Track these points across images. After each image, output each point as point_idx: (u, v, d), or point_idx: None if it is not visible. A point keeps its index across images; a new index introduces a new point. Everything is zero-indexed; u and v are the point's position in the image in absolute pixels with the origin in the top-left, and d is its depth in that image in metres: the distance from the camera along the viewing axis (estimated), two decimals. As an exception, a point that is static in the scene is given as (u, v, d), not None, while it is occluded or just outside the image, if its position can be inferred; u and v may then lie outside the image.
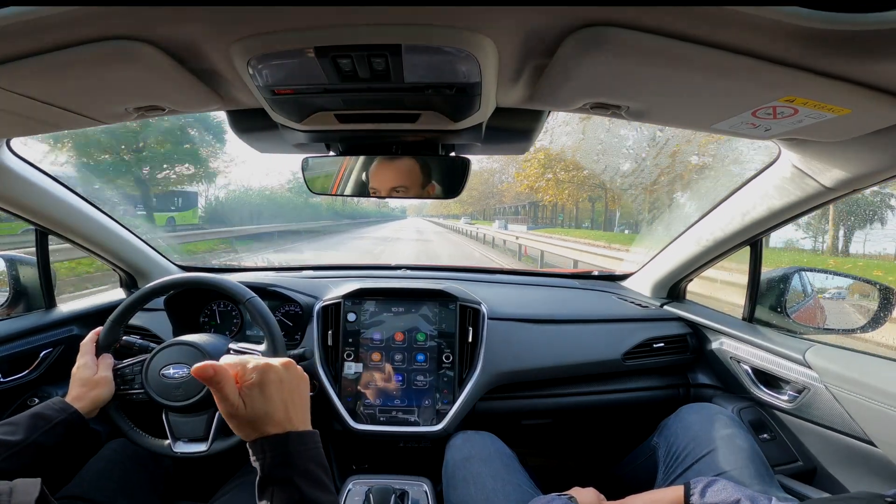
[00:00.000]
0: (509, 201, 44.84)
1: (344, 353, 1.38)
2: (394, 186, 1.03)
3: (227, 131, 6.88)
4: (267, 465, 0.58)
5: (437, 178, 1.03)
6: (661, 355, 1.49)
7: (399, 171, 1.03)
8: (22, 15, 0.49)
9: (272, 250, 14.76)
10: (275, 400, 0.60)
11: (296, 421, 0.61)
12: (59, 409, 0.95)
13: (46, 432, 0.90)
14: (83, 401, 1.00)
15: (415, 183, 1.03)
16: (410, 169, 1.02)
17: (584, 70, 0.62)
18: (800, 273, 1.41)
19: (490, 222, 40.20)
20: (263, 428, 0.59)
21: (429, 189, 1.03)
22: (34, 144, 3.86)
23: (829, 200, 1.05)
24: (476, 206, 53.53)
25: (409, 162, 1.02)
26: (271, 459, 0.58)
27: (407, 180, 1.03)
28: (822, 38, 0.49)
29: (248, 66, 0.62)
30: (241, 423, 0.60)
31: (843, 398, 1.07)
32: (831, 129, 0.76)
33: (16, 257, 1.41)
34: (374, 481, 1.13)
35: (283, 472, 0.57)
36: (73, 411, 0.96)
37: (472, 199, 52.27)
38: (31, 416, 0.91)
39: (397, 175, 1.03)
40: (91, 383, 1.02)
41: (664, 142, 11.00)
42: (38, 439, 0.89)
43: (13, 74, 0.63)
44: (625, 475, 1.32)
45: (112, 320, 1.10)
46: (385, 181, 1.04)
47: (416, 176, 1.03)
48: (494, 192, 47.55)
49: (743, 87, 0.63)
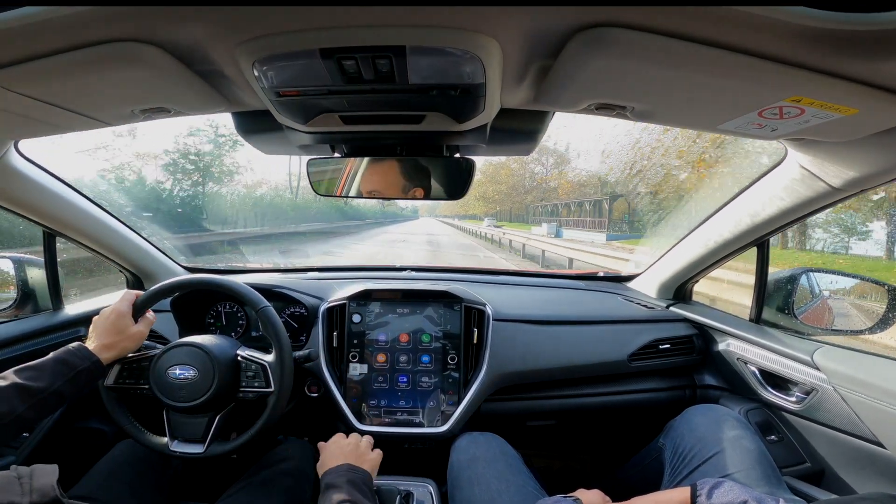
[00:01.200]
0: (565, 196, 36.54)
1: (349, 355, 1.39)
2: (398, 188, 1.04)
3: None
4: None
5: (441, 180, 1.03)
6: (668, 356, 1.48)
7: (403, 172, 1.03)
8: (31, 17, 0.49)
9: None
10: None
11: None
12: (83, 357, 0.95)
13: (69, 380, 0.91)
14: (113, 349, 1.01)
15: (419, 184, 1.03)
16: (415, 170, 1.02)
17: (589, 71, 0.62)
18: (807, 274, 1.40)
19: (523, 224, 34.15)
20: None
21: (434, 190, 1.03)
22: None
23: (837, 200, 1.05)
24: (504, 203, 46.94)
25: (413, 163, 1.02)
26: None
27: (411, 181, 1.03)
28: (828, 38, 0.49)
29: (254, 68, 0.63)
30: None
31: (851, 399, 1.06)
32: (838, 130, 0.75)
33: (24, 259, 1.42)
34: (379, 482, 1.13)
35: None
36: (97, 360, 0.97)
37: (498, 196, 46.31)
38: (54, 361, 0.91)
39: (402, 176, 1.03)
40: (126, 334, 1.04)
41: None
42: (60, 387, 0.89)
43: (21, 76, 0.63)
44: (630, 477, 1.31)
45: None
46: (390, 182, 1.04)
47: (421, 177, 1.03)
48: (532, 187, 41.43)
49: (749, 87, 0.63)
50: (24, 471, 0.68)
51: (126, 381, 1.09)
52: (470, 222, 46.64)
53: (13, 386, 0.84)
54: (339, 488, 0.85)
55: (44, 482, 0.67)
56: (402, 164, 1.02)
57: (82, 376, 0.93)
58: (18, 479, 0.66)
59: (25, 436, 1.24)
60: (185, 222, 14.27)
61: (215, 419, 1.07)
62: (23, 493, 0.65)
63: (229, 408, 1.11)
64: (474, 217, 54.36)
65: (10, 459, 1.18)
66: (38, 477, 0.67)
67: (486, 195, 47.86)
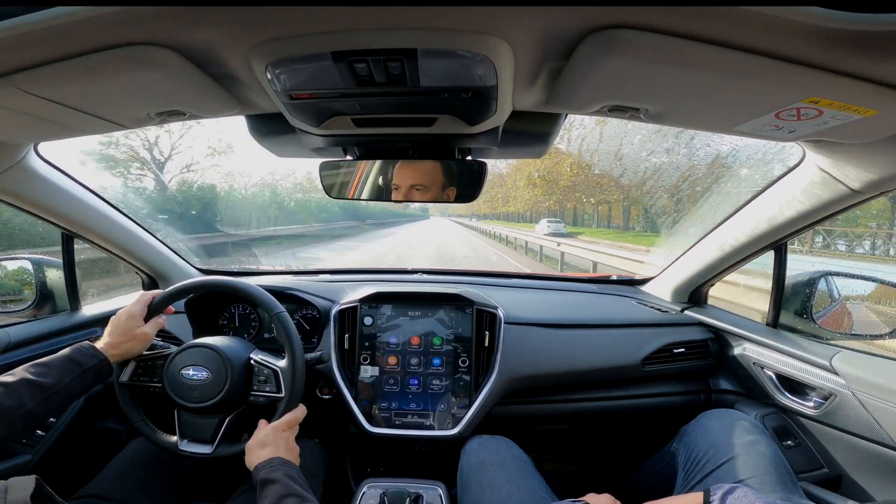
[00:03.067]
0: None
1: (360, 357, 1.39)
2: (410, 190, 1.04)
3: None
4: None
5: (453, 182, 1.03)
6: (682, 361, 1.46)
7: (415, 175, 1.03)
8: (50, 20, 0.50)
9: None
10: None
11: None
12: (90, 356, 0.97)
13: (77, 378, 0.92)
14: (117, 349, 1.02)
15: (431, 187, 1.03)
16: (426, 173, 1.03)
17: (602, 73, 0.62)
18: (826, 277, 1.37)
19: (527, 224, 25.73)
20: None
21: (446, 193, 1.03)
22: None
23: (857, 203, 1.03)
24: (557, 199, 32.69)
25: (425, 166, 1.02)
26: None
27: (423, 184, 1.03)
28: (845, 39, 0.48)
29: (267, 71, 0.63)
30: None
31: (870, 405, 1.04)
32: (857, 131, 0.74)
33: (42, 260, 1.45)
34: (389, 485, 1.13)
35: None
36: (104, 359, 0.98)
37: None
38: (63, 359, 0.93)
39: (413, 179, 1.03)
40: (131, 335, 1.05)
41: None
42: (69, 384, 0.90)
43: (41, 80, 0.64)
44: (642, 481, 1.29)
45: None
46: (401, 185, 1.04)
47: (433, 179, 1.03)
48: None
49: (765, 89, 0.62)
50: (0, 485, 0.68)
51: (141, 378, 1.11)
52: (486, 223, 40.11)
53: (23, 381, 0.86)
54: (279, 482, 0.85)
55: (17, 497, 0.66)
56: (414, 166, 1.02)
57: (89, 374, 0.95)
58: None
59: (41, 434, 1.26)
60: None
61: (225, 421, 1.08)
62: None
63: (239, 410, 1.12)
64: (491, 219, 47.54)
65: (26, 458, 1.20)
66: (12, 491, 0.67)
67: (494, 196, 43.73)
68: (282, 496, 0.82)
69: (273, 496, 0.82)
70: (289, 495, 0.82)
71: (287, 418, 1.04)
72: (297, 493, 0.83)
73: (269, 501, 0.82)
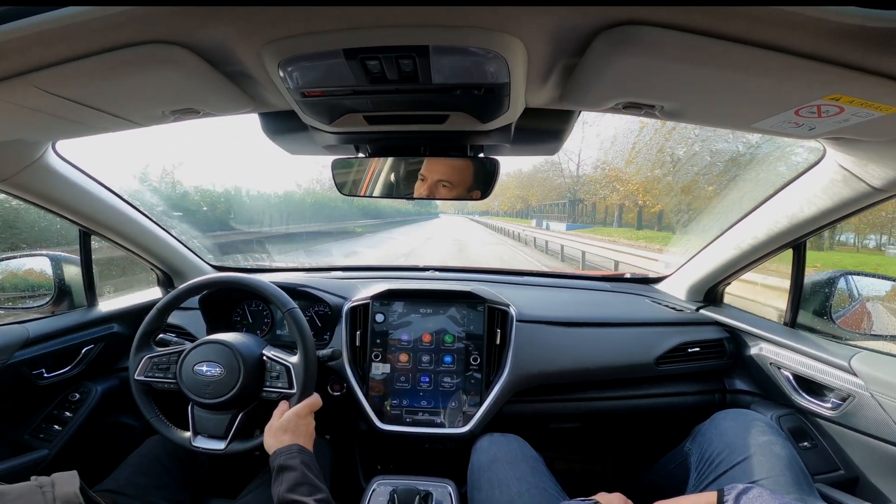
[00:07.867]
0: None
1: (372, 354, 1.39)
2: (436, 185, 1.03)
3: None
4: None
5: (466, 180, 1.02)
6: (697, 360, 1.45)
7: (445, 170, 1.02)
8: (67, 18, 0.51)
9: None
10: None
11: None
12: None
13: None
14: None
15: (444, 184, 1.03)
16: (439, 170, 1.02)
17: (616, 69, 0.61)
18: (846, 277, 1.34)
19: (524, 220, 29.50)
20: None
21: (458, 190, 1.02)
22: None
23: (878, 201, 1.01)
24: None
25: (437, 163, 1.01)
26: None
27: (451, 181, 1.03)
28: (870, 36, 0.47)
29: (279, 69, 0.63)
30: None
31: (889, 406, 1.02)
32: (879, 128, 0.72)
33: (60, 256, 1.47)
34: (399, 482, 1.13)
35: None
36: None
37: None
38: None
39: (443, 174, 1.03)
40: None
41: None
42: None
43: (58, 78, 0.65)
44: (654, 481, 1.28)
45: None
46: (413, 182, 1.04)
47: (445, 177, 1.02)
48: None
49: (784, 86, 0.60)
50: (45, 480, 0.68)
51: (155, 374, 1.12)
52: (501, 220, 37.45)
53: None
54: (296, 469, 0.89)
55: (66, 490, 0.67)
56: (426, 164, 1.02)
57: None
58: (40, 488, 0.67)
59: (58, 429, 1.28)
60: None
61: (238, 417, 1.09)
62: (45, 502, 0.65)
63: (252, 406, 1.13)
64: (511, 217, 44.73)
65: (42, 454, 1.23)
66: (59, 485, 0.68)
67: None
68: (297, 483, 0.87)
69: (289, 482, 0.87)
70: (303, 483, 0.87)
71: (309, 401, 1.08)
72: (311, 482, 0.88)
73: (284, 487, 0.86)
